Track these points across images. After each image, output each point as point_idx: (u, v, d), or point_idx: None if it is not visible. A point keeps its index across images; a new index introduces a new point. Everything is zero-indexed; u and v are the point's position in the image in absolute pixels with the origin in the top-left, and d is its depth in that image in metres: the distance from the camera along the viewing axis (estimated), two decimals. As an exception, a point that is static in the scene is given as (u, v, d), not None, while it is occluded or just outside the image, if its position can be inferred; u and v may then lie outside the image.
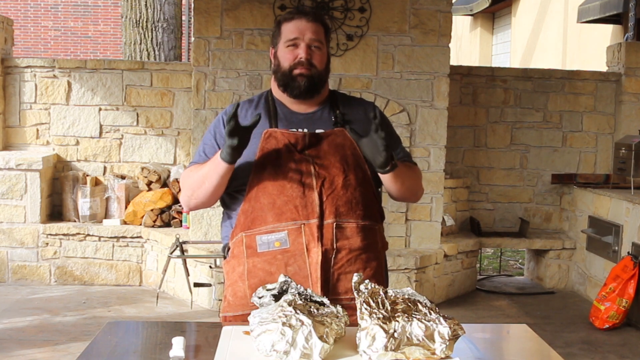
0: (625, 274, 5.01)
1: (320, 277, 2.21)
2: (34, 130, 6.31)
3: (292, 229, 2.24)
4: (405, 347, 1.76)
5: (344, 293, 2.23)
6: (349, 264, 2.26)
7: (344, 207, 2.27)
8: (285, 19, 2.39)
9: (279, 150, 2.27)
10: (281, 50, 2.36)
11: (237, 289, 2.31)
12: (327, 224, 2.24)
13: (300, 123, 2.35)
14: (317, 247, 2.23)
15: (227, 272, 2.37)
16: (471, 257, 6.08)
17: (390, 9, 5.50)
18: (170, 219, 6.06)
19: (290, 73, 2.33)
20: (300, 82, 2.32)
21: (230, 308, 2.32)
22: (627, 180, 5.71)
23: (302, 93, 2.34)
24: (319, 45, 2.34)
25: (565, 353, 4.46)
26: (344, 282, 2.25)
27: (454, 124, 6.27)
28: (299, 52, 2.32)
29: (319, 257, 2.22)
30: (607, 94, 6.54)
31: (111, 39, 15.35)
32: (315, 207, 2.24)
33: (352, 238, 2.27)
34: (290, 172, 2.26)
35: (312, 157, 2.28)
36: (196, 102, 5.52)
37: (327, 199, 2.25)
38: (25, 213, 5.95)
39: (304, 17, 2.35)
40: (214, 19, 5.46)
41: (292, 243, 2.24)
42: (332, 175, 2.27)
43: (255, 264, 2.27)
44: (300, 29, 2.33)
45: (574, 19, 9.42)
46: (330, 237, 2.24)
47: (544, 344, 2.07)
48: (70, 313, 5.17)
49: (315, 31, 2.34)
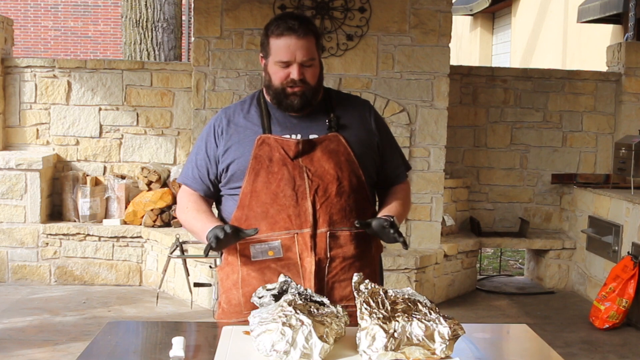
0: (625, 274, 5.01)
1: (314, 286, 2.22)
2: (34, 130, 6.31)
3: (285, 238, 2.24)
4: (405, 347, 1.76)
5: (338, 301, 2.23)
6: (342, 272, 2.26)
7: (338, 215, 2.26)
8: (274, 33, 2.26)
9: (272, 157, 2.26)
10: (272, 67, 2.29)
11: (232, 296, 2.32)
12: (321, 233, 2.24)
13: (294, 127, 2.32)
14: (310, 256, 2.23)
15: (221, 280, 2.37)
16: (471, 257, 6.08)
17: (390, 9, 5.49)
18: (170, 218, 6.06)
19: (283, 91, 2.28)
20: (293, 100, 2.28)
21: (225, 315, 2.33)
22: (627, 180, 5.71)
23: (296, 110, 2.31)
24: (310, 63, 2.27)
25: (565, 353, 4.46)
26: (338, 290, 2.26)
27: (454, 124, 6.27)
28: (290, 71, 2.25)
29: (313, 266, 2.22)
30: (607, 94, 6.54)
31: (111, 39, 15.35)
32: (309, 217, 2.23)
33: (345, 246, 2.27)
34: (284, 180, 2.24)
35: (306, 164, 2.26)
36: (196, 102, 5.52)
37: (320, 207, 2.24)
38: (25, 213, 5.95)
39: (293, 34, 2.23)
40: (214, 19, 5.46)
41: (285, 252, 2.24)
42: (326, 183, 2.26)
43: (249, 273, 2.28)
44: (291, 51, 2.23)
45: (574, 18, 9.42)
46: (324, 246, 2.24)
47: (544, 344, 2.07)
48: (70, 313, 5.17)
49: (306, 48, 2.25)
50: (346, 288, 2.26)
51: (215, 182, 2.38)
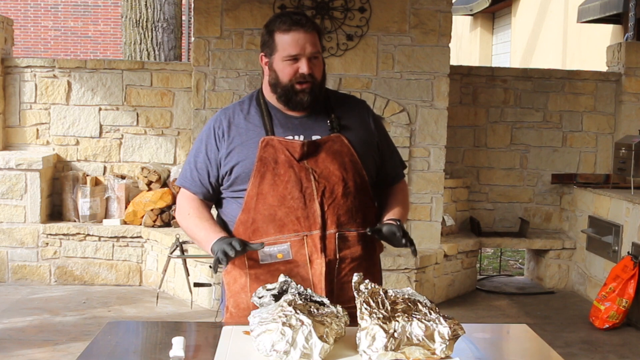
0: (625, 274, 5.01)
1: (324, 287, 2.22)
2: (34, 130, 6.31)
3: (294, 240, 2.23)
4: (405, 347, 1.76)
5: (347, 302, 2.17)
6: (351, 272, 2.24)
7: (345, 216, 2.26)
8: (280, 29, 2.26)
9: (277, 159, 2.24)
10: (278, 64, 2.27)
11: (240, 300, 2.30)
12: (330, 234, 2.23)
13: (296, 128, 2.31)
14: (320, 258, 2.22)
15: (227, 283, 2.35)
16: (471, 257, 6.08)
17: (390, 9, 5.49)
18: (170, 218, 6.06)
19: (292, 88, 2.26)
20: (302, 97, 2.27)
21: (233, 320, 2.30)
22: (627, 180, 5.71)
23: (305, 107, 2.30)
24: (317, 56, 2.28)
25: (565, 353, 4.46)
26: (347, 290, 2.23)
27: (454, 124, 6.27)
28: (300, 65, 2.25)
29: (323, 267, 2.22)
30: (607, 94, 6.54)
31: (111, 39, 15.34)
32: (317, 218, 2.22)
33: (353, 247, 2.27)
34: (290, 182, 2.23)
35: (311, 165, 2.26)
36: (196, 102, 5.52)
37: (328, 208, 2.24)
38: (25, 213, 5.95)
39: (301, 28, 2.24)
40: (214, 19, 5.46)
41: (294, 255, 2.23)
42: (332, 184, 2.25)
43: (258, 276, 2.26)
44: (300, 44, 2.24)
45: (574, 18, 9.42)
46: (333, 247, 2.24)
47: (544, 344, 2.07)
48: (70, 313, 5.17)
49: (314, 42, 2.26)
50: None
51: (215, 185, 2.36)
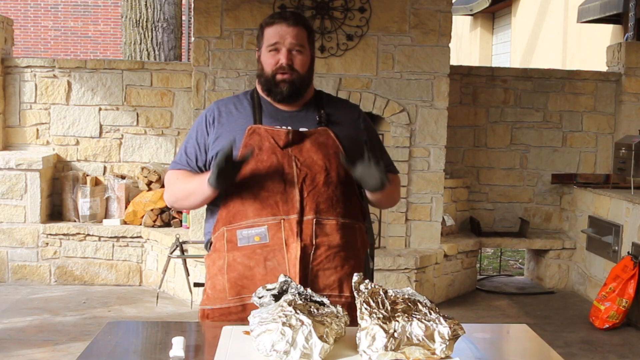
0: (625, 274, 5.01)
1: (299, 272, 2.24)
2: (34, 130, 6.31)
3: (271, 224, 2.27)
4: (405, 347, 1.76)
5: (322, 289, 2.26)
6: (327, 260, 2.29)
7: (325, 204, 2.30)
8: (267, 23, 2.40)
9: (261, 146, 2.30)
10: (264, 55, 2.39)
11: (217, 282, 2.34)
12: (307, 220, 2.27)
13: (285, 120, 2.38)
14: (296, 242, 2.26)
15: (207, 266, 2.40)
16: (471, 257, 6.08)
17: (390, 9, 5.49)
18: (170, 218, 6.06)
19: (272, 78, 2.36)
20: (282, 88, 2.35)
21: (209, 301, 2.36)
22: (627, 180, 5.71)
23: (285, 98, 2.37)
24: (300, 49, 2.36)
25: (565, 353, 4.46)
26: (322, 278, 2.29)
27: (454, 124, 6.27)
28: (279, 57, 2.35)
29: (298, 252, 2.25)
30: (607, 94, 6.54)
31: (111, 39, 15.35)
32: (296, 203, 2.27)
33: (331, 235, 2.30)
34: (272, 168, 2.29)
35: (295, 153, 2.31)
36: (196, 102, 5.52)
37: (307, 195, 2.28)
38: (25, 213, 5.95)
39: (284, 21, 2.36)
40: (214, 19, 5.46)
41: (271, 238, 2.27)
42: (314, 173, 2.30)
43: (235, 258, 2.30)
44: (280, 34, 2.34)
45: (574, 19, 9.42)
46: (310, 233, 2.27)
47: (544, 344, 2.07)
48: (70, 313, 5.17)
49: (295, 35, 2.35)
50: (330, 277, 2.29)
51: (203, 169, 2.41)
